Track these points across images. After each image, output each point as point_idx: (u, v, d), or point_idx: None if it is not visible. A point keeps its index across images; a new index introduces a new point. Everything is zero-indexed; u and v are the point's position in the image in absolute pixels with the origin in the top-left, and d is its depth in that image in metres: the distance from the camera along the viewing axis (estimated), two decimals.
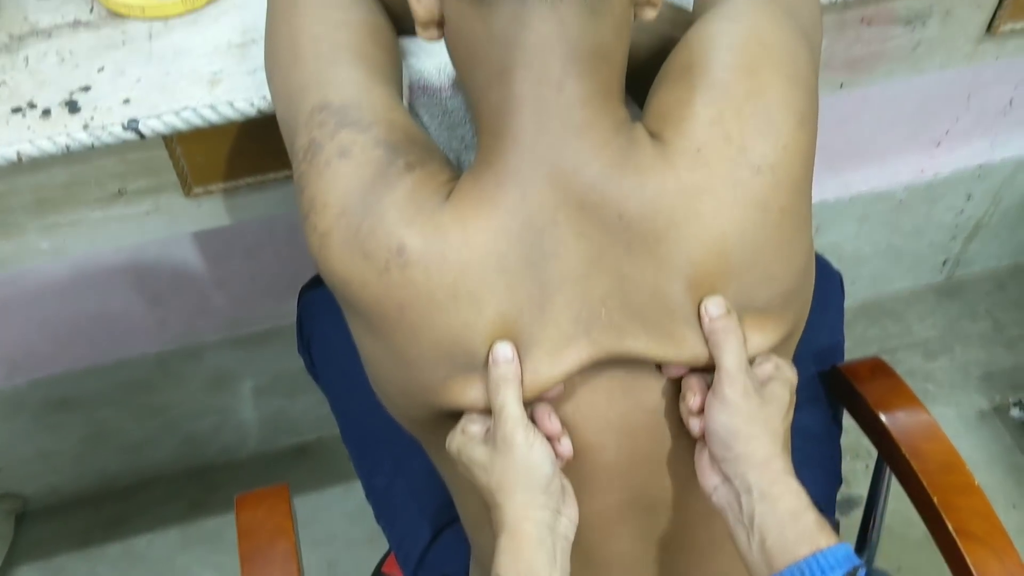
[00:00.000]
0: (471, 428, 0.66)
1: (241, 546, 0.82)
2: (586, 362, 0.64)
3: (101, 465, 1.61)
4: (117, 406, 1.51)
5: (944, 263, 1.80)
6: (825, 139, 1.43)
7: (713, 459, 0.65)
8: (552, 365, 0.63)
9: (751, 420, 0.63)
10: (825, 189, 1.54)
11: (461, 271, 0.61)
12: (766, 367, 0.66)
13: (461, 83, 0.66)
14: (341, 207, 0.62)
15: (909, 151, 1.51)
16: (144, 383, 1.49)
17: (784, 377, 0.66)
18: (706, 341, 0.63)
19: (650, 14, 0.63)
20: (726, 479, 0.64)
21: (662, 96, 0.64)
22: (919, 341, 1.79)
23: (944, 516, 0.82)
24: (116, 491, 1.64)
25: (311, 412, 1.63)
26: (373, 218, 0.61)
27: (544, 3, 0.57)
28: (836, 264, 1.10)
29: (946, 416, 1.67)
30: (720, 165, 0.60)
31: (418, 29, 0.64)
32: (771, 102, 0.61)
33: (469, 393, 0.65)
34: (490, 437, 0.65)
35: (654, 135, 0.62)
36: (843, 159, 1.49)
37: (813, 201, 1.66)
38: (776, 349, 0.68)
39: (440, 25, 0.63)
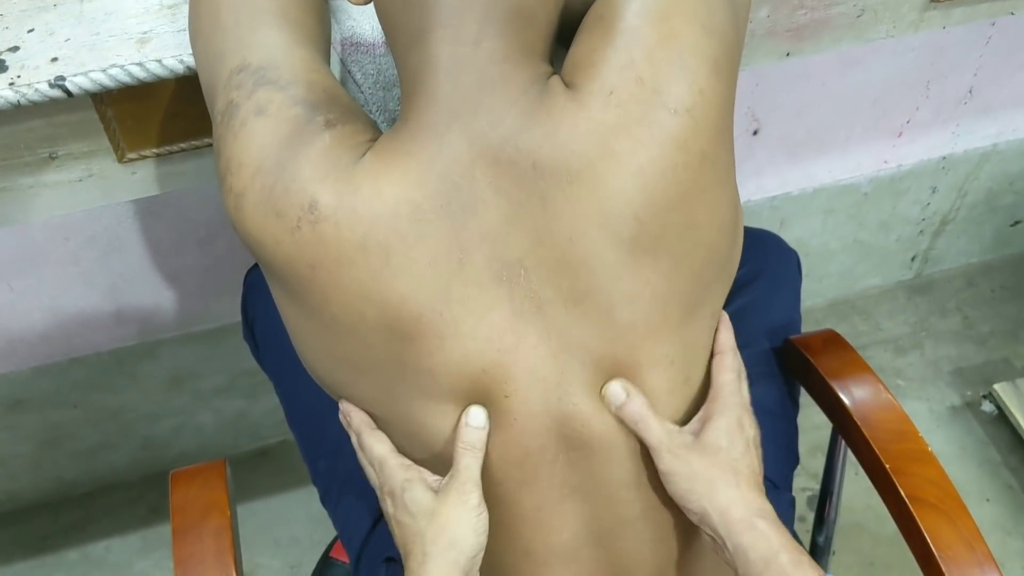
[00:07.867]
0: (424, 474, 0.66)
1: (173, 521, 0.79)
2: (508, 332, 0.62)
3: (58, 470, 1.57)
4: (74, 408, 1.48)
5: (913, 259, 1.79)
6: (785, 129, 1.45)
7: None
8: (477, 328, 0.61)
9: (694, 480, 0.64)
10: (788, 181, 1.53)
11: (371, 223, 0.59)
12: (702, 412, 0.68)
13: (389, 47, 0.65)
14: (256, 166, 0.60)
15: (871, 141, 1.51)
16: (100, 383, 1.45)
17: (725, 404, 0.67)
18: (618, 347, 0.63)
19: None
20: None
21: (576, 47, 0.62)
22: (889, 338, 1.77)
23: (896, 483, 0.80)
24: (74, 497, 1.60)
25: (273, 415, 1.60)
26: (287, 176, 0.59)
27: None
28: (804, 260, 1.09)
29: (918, 412, 1.66)
30: (634, 106, 0.58)
31: None
32: (684, 47, 0.59)
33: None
34: (439, 487, 0.65)
35: (568, 85, 0.60)
36: (804, 149, 1.48)
37: (776, 193, 1.65)
38: (696, 319, 0.66)
39: None
